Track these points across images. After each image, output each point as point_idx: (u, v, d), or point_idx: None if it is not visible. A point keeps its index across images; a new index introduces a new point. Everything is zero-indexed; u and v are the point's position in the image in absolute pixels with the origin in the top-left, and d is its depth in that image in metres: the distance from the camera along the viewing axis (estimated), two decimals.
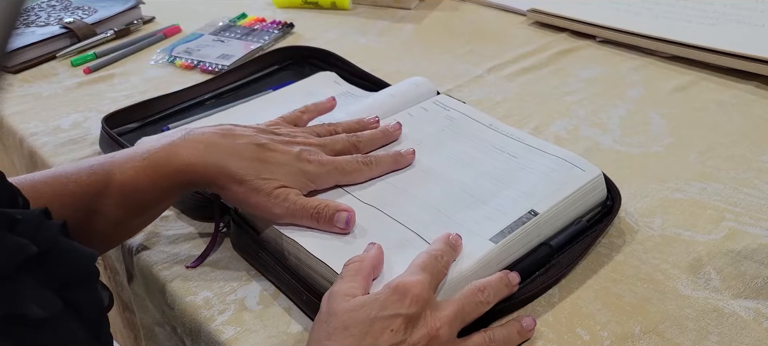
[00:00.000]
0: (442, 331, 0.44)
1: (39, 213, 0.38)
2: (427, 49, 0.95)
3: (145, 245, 0.59)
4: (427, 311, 0.45)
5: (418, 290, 0.45)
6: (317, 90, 0.79)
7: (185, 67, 0.91)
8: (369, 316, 0.43)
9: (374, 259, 0.49)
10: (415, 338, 0.43)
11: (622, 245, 0.57)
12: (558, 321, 0.50)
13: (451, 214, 0.55)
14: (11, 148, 0.82)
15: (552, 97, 0.81)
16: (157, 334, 0.60)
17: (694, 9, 0.94)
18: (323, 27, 1.03)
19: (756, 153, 0.68)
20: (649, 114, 0.76)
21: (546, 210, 0.54)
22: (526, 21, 1.01)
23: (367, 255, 0.49)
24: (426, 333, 0.44)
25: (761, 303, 0.51)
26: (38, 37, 0.94)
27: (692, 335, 0.48)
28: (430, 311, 0.45)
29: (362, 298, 0.45)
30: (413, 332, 0.44)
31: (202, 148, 0.53)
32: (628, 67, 0.87)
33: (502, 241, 0.52)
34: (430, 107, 0.69)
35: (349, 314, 0.44)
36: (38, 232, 0.36)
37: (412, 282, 0.45)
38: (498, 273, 0.50)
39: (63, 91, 0.87)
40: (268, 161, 0.54)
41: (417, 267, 0.47)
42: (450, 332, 0.45)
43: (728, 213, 0.60)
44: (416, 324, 0.44)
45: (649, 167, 0.67)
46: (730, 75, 0.83)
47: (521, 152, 0.62)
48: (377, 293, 0.45)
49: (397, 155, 0.60)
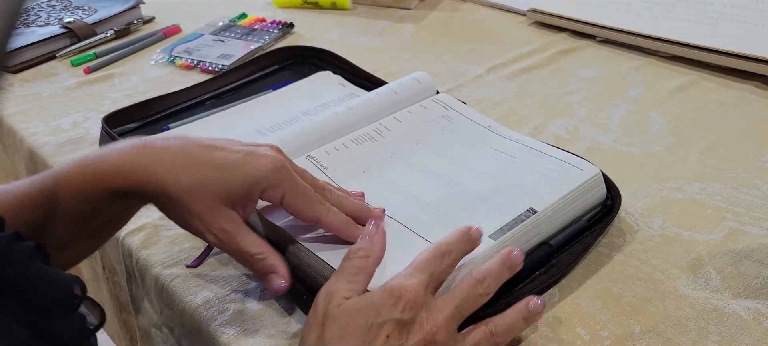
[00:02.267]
0: (439, 335, 0.43)
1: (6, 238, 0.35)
2: (427, 49, 0.95)
3: (145, 245, 0.59)
4: (423, 314, 0.44)
5: (412, 295, 0.44)
6: (318, 90, 0.79)
7: (185, 67, 0.91)
8: (366, 323, 0.42)
9: (379, 253, 0.47)
10: (411, 343, 0.43)
11: (622, 245, 0.57)
12: (558, 321, 0.50)
13: (451, 213, 0.55)
14: (11, 148, 0.82)
15: (552, 97, 0.81)
16: (154, 336, 0.60)
17: (694, 9, 0.94)
18: (323, 27, 1.03)
19: (756, 153, 0.68)
20: (649, 114, 0.76)
21: (545, 208, 0.54)
22: (526, 21, 1.01)
23: (373, 249, 0.47)
24: (422, 338, 0.43)
25: (761, 303, 0.51)
26: (38, 37, 0.94)
27: (692, 335, 0.48)
28: (427, 314, 0.44)
29: (358, 301, 0.44)
30: (409, 338, 0.43)
31: (135, 151, 0.47)
32: (628, 67, 0.87)
33: (501, 238, 0.52)
34: (429, 106, 0.69)
35: (346, 320, 0.43)
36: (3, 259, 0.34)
37: (407, 286, 0.44)
38: (499, 255, 0.48)
39: (63, 91, 0.87)
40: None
41: (415, 267, 0.46)
42: (447, 334, 0.44)
43: (728, 213, 0.60)
44: (411, 329, 0.43)
45: (649, 167, 0.67)
46: (730, 75, 0.83)
47: (520, 153, 0.62)
48: (373, 295, 0.44)
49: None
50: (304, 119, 0.71)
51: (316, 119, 0.65)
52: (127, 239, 0.61)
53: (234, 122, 0.73)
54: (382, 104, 0.68)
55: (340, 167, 0.60)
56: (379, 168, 0.61)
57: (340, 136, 0.63)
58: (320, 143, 0.62)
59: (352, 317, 0.43)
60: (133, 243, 0.60)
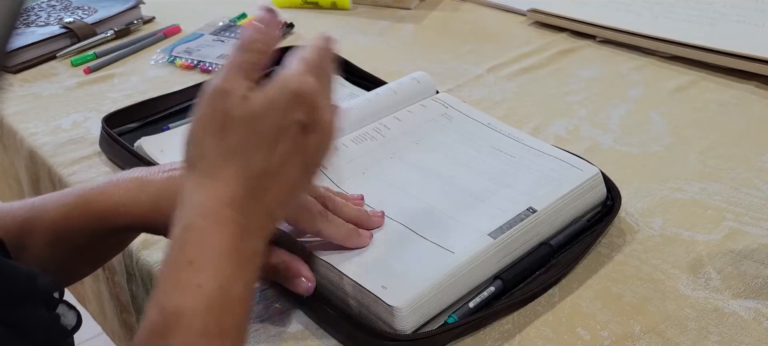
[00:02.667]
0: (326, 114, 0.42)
1: None
2: (427, 49, 0.95)
3: (145, 245, 0.59)
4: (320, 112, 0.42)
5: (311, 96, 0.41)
6: None
7: (185, 67, 0.91)
8: (273, 125, 0.40)
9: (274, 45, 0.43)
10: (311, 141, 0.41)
11: (622, 245, 0.57)
12: (558, 321, 0.50)
13: (450, 212, 0.55)
14: (11, 148, 0.82)
15: (552, 97, 0.81)
16: None
17: (694, 9, 0.94)
18: (323, 27, 1.03)
19: (756, 153, 0.68)
20: (649, 114, 0.76)
21: (544, 208, 0.54)
22: (526, 21, 1.01)
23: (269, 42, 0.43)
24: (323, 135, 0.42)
25: (761, 303, 0.51)
26: (38, 37, 0.94)
27: (692, 335, 0.48)
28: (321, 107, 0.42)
29: (262, 102, 0.40)
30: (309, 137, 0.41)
31: (135, 186, 0.47)
32: (628, 67, 0.87)
33: (500, 236, 0.52)
34: (429, 105, 0.69)
35: (252, 124, 0.40)
36: None
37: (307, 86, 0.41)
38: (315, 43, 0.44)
39: (63, 91, 0.87)
40: None
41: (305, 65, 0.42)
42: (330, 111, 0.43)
43: (728, 213, 0.60)
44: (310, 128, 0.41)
45: (649, 167, 0.67)
46: (730, 75, 0.83)
47: (519, 152, 0.62)
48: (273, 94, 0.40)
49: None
50: None
51: None
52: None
53: None
54: (382, 104, 0.68)
55: (340, 167, 0.60)
56: (379, 168, 0.61)
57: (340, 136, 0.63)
58: None
59: (258, 119, 0.40)
60: (133, 243, 0.60)
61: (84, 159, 0.72)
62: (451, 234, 0.52)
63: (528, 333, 0.49)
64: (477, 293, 0.51)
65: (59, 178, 0.70)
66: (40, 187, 0.77)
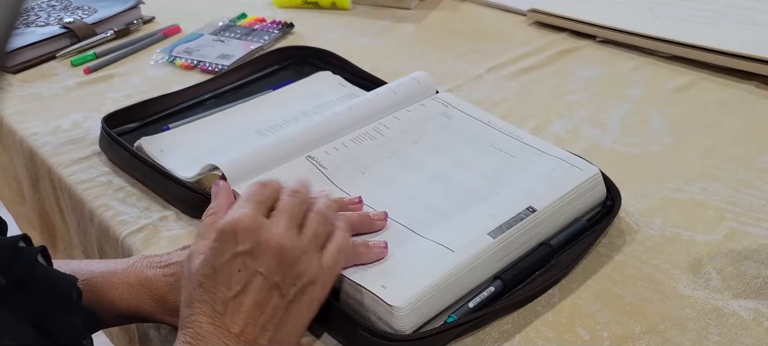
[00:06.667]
0: (284, 239, 0.45)
1: (15, 240, 0.37)
2: (427, 49, 0.95)
3: (145, 245, 0.59)
4: (262, 233, 0.45)
5: (245, 224, 0.45)
6: (317, 90, 0.79)
7: (185, 67, 0.91)
8: (213, 266, 0.44)
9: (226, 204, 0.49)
10: (263, 264, 0.44)
11: (622, 245, 0.57)
12: (558, 321, 0.50)
13: (450, 212, 0.55)
14: (11, 148, 0.82)
15: (552, 97, 0.81)
16: (152, 337, 0.60)
17: (694, 9, 0.94)
18: (323, 27, 1.03)
19: (756, 153, 0.68)
20: (649, 114, 0.76)
21: (544, 207, 0.54)
22: (526, 21, 1.01)
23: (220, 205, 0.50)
24: (271, 254, 0.44)
25: (761, 303, 0.51)
26: (38, 37, 0.94)
27: (692, 335, 0.48)
28: (265, 232, 0.45)
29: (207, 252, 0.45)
30: (259, 261, 0.44)
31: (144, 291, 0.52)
32: (628, 67, 0.87)
33: (500, 236, 0.52)
34: (429, 104, 0.69)
35: (201, 275, 0.44)
36: (12, 262, 0.35)
37: (238, 218, 0.45)
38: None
39: (63, 91, 0.87)
40: None
41: (241, 201, 0.47)
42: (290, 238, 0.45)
43: (728, 213, 0.60)
44: (257, 253, 0.44)
45: (649, 167, 0.67)
46: (730, 75, 0.83)
47: (519, 152, 0.62)
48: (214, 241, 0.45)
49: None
50: (303, 119, 0.71)
51: (315, 119, 0.65)
52: (127, 239, 0.61)
53: (234, 122, 0.73)
54: (382, 104, 0.68)
55: (340, 167, 0.60)
56: (379, 168, 0.61)
57: (340, 136, 0.63)
58: (320, 143, 0.62)
59: (204, 268, 0.44)
60: (133, 243, 0.60)
61: (84, 159, 0.72)
62: (450, 233, 0.52)
63: (528, 333, 0.49)
64: (477, 293, 0.51)
65: (59, 178, 0.70)
66: (40, 187, 0.77)
